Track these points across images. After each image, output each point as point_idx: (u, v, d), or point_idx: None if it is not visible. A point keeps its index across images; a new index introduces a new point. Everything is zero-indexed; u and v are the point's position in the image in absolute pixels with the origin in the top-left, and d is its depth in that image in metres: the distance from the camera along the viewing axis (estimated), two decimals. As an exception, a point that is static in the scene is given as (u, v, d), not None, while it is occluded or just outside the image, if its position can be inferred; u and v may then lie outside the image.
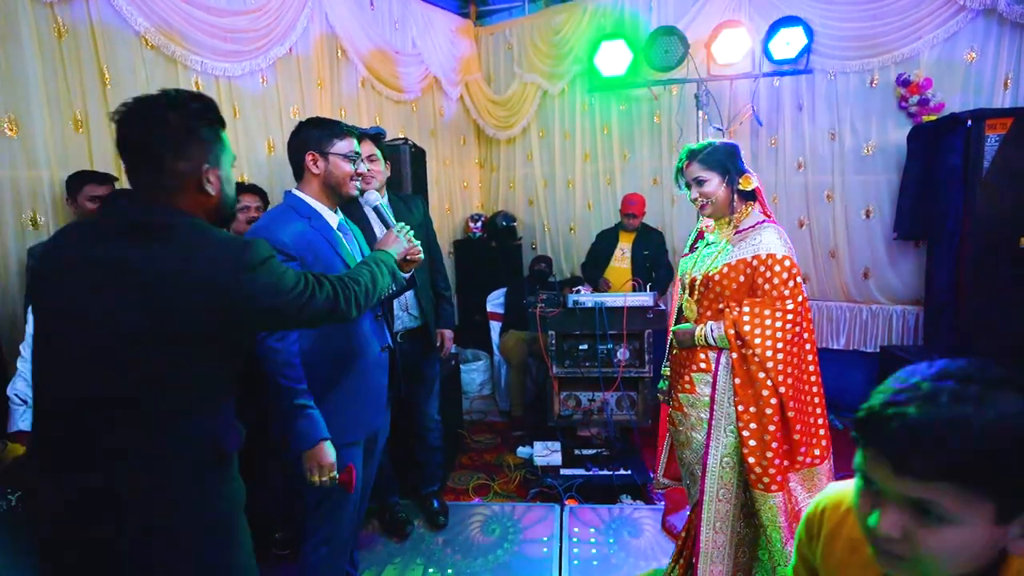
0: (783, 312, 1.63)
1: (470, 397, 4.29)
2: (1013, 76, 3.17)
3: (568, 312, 2.94)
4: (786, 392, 1.63)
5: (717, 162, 1.74)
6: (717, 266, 1.75)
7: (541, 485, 3.00)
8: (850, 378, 3.83)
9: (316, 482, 1.56)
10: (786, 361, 1.63)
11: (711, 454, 1.73)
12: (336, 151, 1.67)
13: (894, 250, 3.65)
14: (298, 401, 1.56)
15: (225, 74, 2.90)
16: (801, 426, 1.66)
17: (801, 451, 1.67)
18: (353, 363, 1.70)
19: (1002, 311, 2.88)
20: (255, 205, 2.52)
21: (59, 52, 2.31)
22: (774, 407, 1.63)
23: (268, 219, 1.67)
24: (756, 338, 1.64)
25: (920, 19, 3.31)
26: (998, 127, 2.79)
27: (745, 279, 1.69)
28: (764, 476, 1.64)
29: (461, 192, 5.00)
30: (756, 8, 3.75)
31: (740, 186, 1.74)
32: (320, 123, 1.71)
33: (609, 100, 4.41)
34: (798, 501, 1.69)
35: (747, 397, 1.66)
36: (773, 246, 1.66)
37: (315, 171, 1.68)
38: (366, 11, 3.86)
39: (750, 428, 1.65)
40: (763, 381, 1.64)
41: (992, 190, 2.85)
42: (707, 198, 1.76)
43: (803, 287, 1.67)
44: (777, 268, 1.65)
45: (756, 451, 1.64)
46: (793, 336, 1.64)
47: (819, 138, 3.78)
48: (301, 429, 1.56)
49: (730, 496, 1.73)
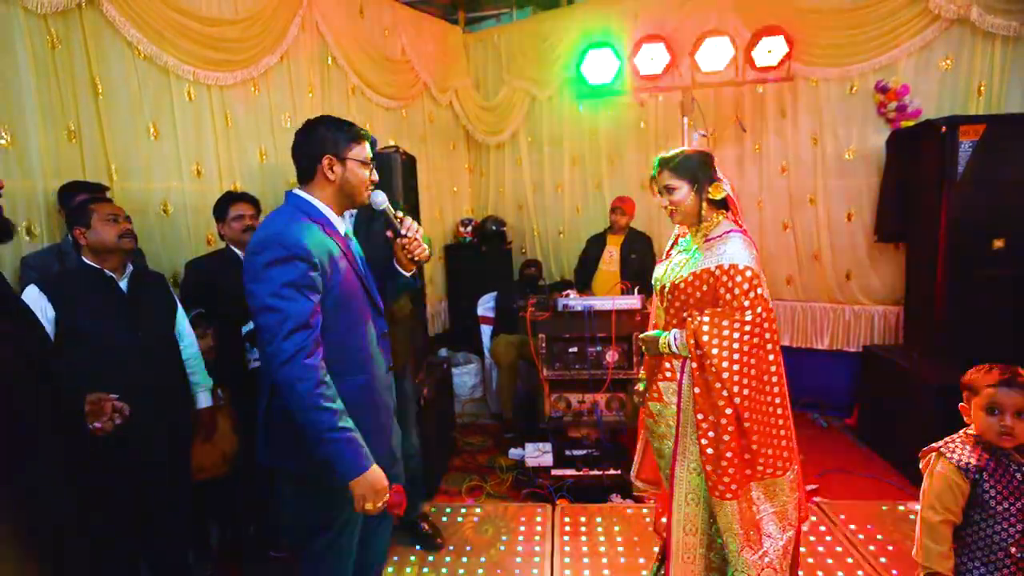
0: (741, 323, 1.63)
1: (461, 400, 4.33)
2: (986, 84, 3.28)
3: (558, 315, 3.00)
4: (742, 403, 1.62)
5: (687, 170, 1.76)
6: (683, 274, 1.76)
7: (533, 486, 3.06)
8: (834, 377, 3.93)
9: (370, 510, 1.44)
10: (742, 372, 1.63)
11: (679, 461, 1.75)
12: (354, 156, 1.57)
13: (875, 252, 3.74)
14: (341, 424, 1.40)
15: (217, 83, 2.93)
16: (759, 436, 1.65)
17: (761, 461, 1.66)
18: (365, 381, 1.59)
19: (978, 311, 2.98)
20: (249, 213, 2.51)
21: (52, 63, 2.33)
22: (729, 417, 1.63)
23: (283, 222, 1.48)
24: (713, 348, 1.64)
25: (897, 28, 3.40)
26: (971, 133, 2.88)
27: (708, 288, 1.69)
28: (719, 484, 1.64)
29: (451, 197, 5.05)
30: (739, 17, 3.84)
31: (709, 195, 1.75)
32: (336, 124, 1.57)
33: (597, 106, 4.47)
34: (759, 510, 1.68)
35: (705, 406, 1.66)
36: (736, 256, 1.66)
37: (331, 176, 1.55)
38: (356, 19, 3.90)
39: (708, 436, 1.65)
40: (719, 391, 1.63)
41: (966, 194, 2.94)
42: (675, 206, 1.78)
43: (766, 298, 1.67)
44: (738, 279, 1.64)
45: (712, 459, 1.65)
46: (751, 348, 1.64)
47: (802, 143, 3.87)
48: (348, 457, 1.41)
49: (698, 500, 1.74)
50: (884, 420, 3.38)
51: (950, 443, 1.56)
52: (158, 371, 2.04)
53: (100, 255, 1.96)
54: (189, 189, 2.85)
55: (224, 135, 3.01)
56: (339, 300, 1.52)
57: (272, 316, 1.39)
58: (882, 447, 3.36)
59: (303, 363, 1.38)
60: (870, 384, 3.62)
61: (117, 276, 2.00)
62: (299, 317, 1.39)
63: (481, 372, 4.47)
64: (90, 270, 1.97)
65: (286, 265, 1.40)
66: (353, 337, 1.56)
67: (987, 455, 1.49)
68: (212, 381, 2.27)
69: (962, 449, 1.53)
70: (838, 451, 3.42)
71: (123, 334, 1.95)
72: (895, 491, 2.94)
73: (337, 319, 1.51)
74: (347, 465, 1.41)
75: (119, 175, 2.57)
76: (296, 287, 1.40)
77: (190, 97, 2.84)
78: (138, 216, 2.68)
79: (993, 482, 1.47)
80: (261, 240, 1.44)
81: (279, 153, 3.28)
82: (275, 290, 1.39)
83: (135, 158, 2.65)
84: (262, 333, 1.41)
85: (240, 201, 2.53)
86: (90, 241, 1.94)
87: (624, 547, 2.54)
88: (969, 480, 1.48)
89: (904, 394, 3.12)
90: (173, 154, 2.80)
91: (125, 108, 2.60)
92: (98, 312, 1.93)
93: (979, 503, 1.48)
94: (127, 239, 1.99)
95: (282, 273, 1.40)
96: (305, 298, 1.41)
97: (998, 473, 1.47)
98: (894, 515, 2.68)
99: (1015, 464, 1.48)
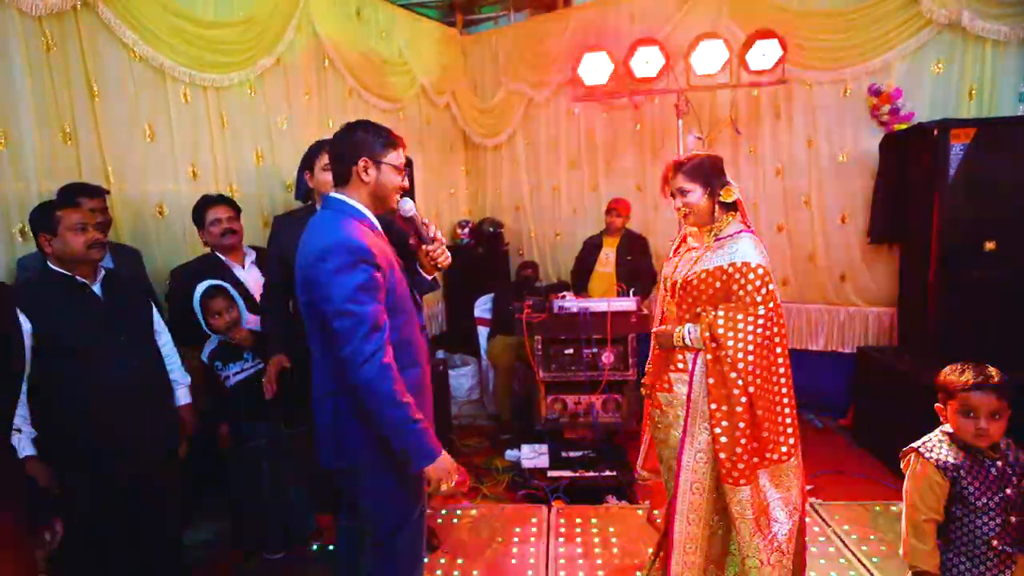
0: (755, 317, 1.72)
1: (458, 402, 4.34)
2: (977, 87, 3.31)
3: (554, 317, 3.01)
4: (755, 392, 1.72)
5: (701, 174, 1.83)
6: (696, 271, 1.83)
7: (529, 487, 3.06)
8: (829, 378, 3.94)
9: (446, 491, 1.56)
10: (756, 363, 1.72)
11: (686, 450, 1.82)
12: (389, 161, 1.62)
13: (869, 254, 3.76)
14: (416, 416, 1.49)
15: (213, 85, 2.93)
16: (769, 424, 1.75)
17: (769, 448, 1.76)
18: (419, 372, 1.67)
19: (970, 311, 3.00)
20: (227, 216, 2.46)
21: (47, 65, 2.33)
22: (744, 406, 1.72)
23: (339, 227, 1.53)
24: (729, 340, 1.72)
25: (889, 31, 3.43)
26: (962, 136, 2.91)
27: (721, 285, 1.78)
28: (733, 471, 1.73)
29: (448, 199, 5.05)
30: (733, 20, 3.86)
31: (722, 197, 1.83)
32: (375, 129, 1.63)
33: (593, 108, 4.49)
34: (766, 496, 1.77)
35: (719, 396, 1.75)
36: (748, 255, 1.75)
37: (365, 179, 1.59)
38: (353, 21, 3.90)
39: (722, 425, 1.74)
40: (734, 381, 1.72)
41: (958, 196, 2.96)
42: (690, 208, 1.85)
43: (776, 294, 1.76)
44: (751, 276, 1.73)
45: (727, 447, 1.73)
46: (764, 340, 1.72)
47: (796, 146, 3.89)
48: (424, 445, 1.51)
49: (703, 490, 1.81)
50: (878, 421, 3.40)
51: (928, 442, 1.60)
52: (141, 374, 2.00)
53: (67, 264, 1.89)
54: (185, 191, 2.84)
55: (220, 137, 3.01)
56: (396, 298, 1.59)
57: (348, 320, 1.45)
58: (876, 448, 3.38)
59: (381, 363, 1.45)
60: (864, 385, 3.64)
61: (90, 282, 1.94)
62: (373, 319, 1.46)
63: (478, 374, 4.47)
64: (60, 277, 1.89)
65: (355, 270, 1.47)
66: (408, 331, 1.64)
67: (963, 452, 1.53)
68: (190, 377, 2.26)
69: (939, 448, 1.56)
70: (833, 452, 3.44)
71: (103, 341, 1.90)
72: (889, 491, 2.95)
73: (396, 316, 1.58)
74: (423, 453, 1.51)
75: (115, 177, 2.57)
76: (367, 290, 1.47)
77: (186, 99, 2.84)
78: (134, 218, 2.70)
79: (971, 478, 1.51)
80: (325, 247, 1.48)
81: (275, 155, 3.28)
82: (349, 295, 1.45)
83: (131, 160, 2.64)
84: (338, 337, 1.46)
85: (217, 205, 2.48)
86: (55, 249, 1.86)
87: (619, 548, 2.55)
88: (948, 478, 1.52)
89: (898, 395, 3.14)
90: (169, 156, 2.80)
91: (121, 110, 2.60)
92: (76, 320, 1.87)
93: (960, 499, 1.52)
94: (96, 249, 1.91)
95: (352, 278, 1.46)
96: (375, 300, 1.49)
97: (975, 469, 1.51)
98: (888, 516, 2.69)
99: (989, 459, 1.52)
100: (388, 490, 1.65)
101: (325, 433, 1.62)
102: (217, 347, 2.39)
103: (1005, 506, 1.50)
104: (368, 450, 1.58)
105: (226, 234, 2.45)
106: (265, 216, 3.23)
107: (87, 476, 1.87)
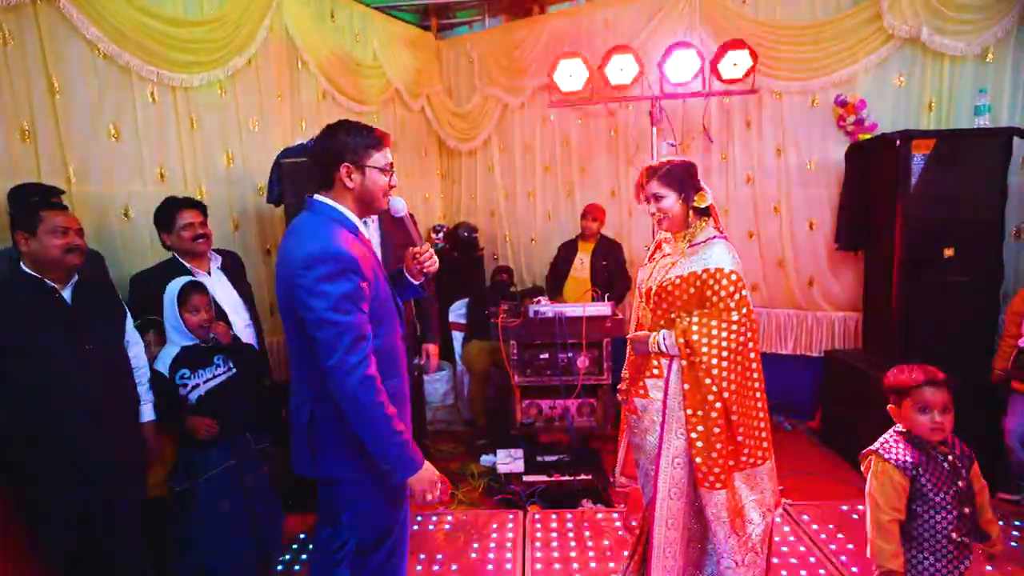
0: (728, 323, 1.73)
1: (433, 407, 4.30)
2: (936, 100, 3.44)
3: (529, 322, 3.02)
4: (730, 397, 1.74)
5: (675, 179, 1.85)
6: (670, 277, 1.85)
7: (504, 492, 3.05)
8: (797, 381, 4.04)
9: (430, 501, 1.55)
10: (730, 368, 1.74)
11: (663, 455, 1.83)
12: (373, 164, 1.55)
13: (836, 260, 3.87)
14: (399, 428, 1.48)
15: (182, 84, 2.86)
16: (744, 428, 1.77)
17: (744, 452, 1.78)
18: (399, 382, 1.64)
19: (930, 315, 3.11)
20: (199, 221, 2.38)
21: (3, 60, 2.24)
22: (719, 411, 1.74)
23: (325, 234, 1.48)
24: (703, 347, 1.74)
25: (855, 45, 3.54)
26: (923, 147, 3.02)
27: (695, 291, 1.80)
28: (710, 475, 1.74)
29: (423, 203, 5.02)
30: (706, 30, 3.94)
31: (695, 203, 1.85)
32: (356, 130, 1.54)
33: (568, 114, 4.52)
34: (741, 499, 1.80)
35: (695, 401, 1.76)
36: (722, 261, 1.77)
37: (349, 184, 1.53)
38: (327, 22, 3.86)
39: (697, 430, 1.75)
40: (709, 387, 1.74)
41: (919, 205, 3.07)
42: (664, 213, 1.87)
43: (748, 300, 1.78)
44: (724, 282, 1.75)
45: (703, 451, 1.75)
46: (737, 345, 1.74)
47: (766, 154, 3.98)
48: (406, 456, 1.49)
49: (681, 494, 1.82)
50: (845, 422, 3.49)
51: (885, 444, 1.65)
52: (108, 386, 1.91)
53: (41, 266, 1.82)
54: (152, 193, 2.74)
55: (189, 138, 2.94)
56: (380, 307, 1.56)
57: (332, 330, 1.42)
58: (843, 448, 3.47)
59: (365, 374, 1.42)
60: (831, 387, 3.73)
61: (60, 286, 1.86)
62: (357, 329, 1.44)
63: (453, 379, 4.44)
64: (29, 279, 1.81)
65: (340, 279, 1.43)
66: (390, 341, 1.61)
67: (918, 451, 1.59)
68: (154, 395, 2.13)
69: (896, 447, 1.62)
70: (801, 453, 3.52)
71: (67, 349, 1.81)
72: (855, 492, 3.02)
73: (379, 325, 1.55)
74: (406, 464, 1.49)
75: (77, 177, 2.48)
76: (352, 299, 1.44)
77: (153, 98, 2.76)
78: (97, 220, 2.60)
79: (928, 475, 1.57)
80: (309, 255, 1.43)
81: (246, 157, 3.21)
82: (333, 304, 1.42)
83: (94, 160, 2.55)
84: (321, 347, 1.43)
85: (187, 208, 2.39)
86: (32, 249, 1.80)
87: (595, 552, 2.56)
88: (908, 476, 1.57)
89: (863, 396, 3.23)
90: (135, 156, 2.71)
91: (84, 108, 2.51)
92: (37, 326, 1.77)
93: (919, 496, 1.58)
94: (74, 255, 1.85)
95: (337, 287, 1.42)
96: (360, 310, 1.46)
97: (930, 465, 1.58)
98: (855, 515, 2.76)
99: (941, 454, 1.59)
100: (370, 502, 1.62)
101: (300, 440, 1.58)
102: (182, 353, 2.18)
103: (959, 498, 1.56)
104: (348, 461, 1.55)
105: (198, 239, 2.37)
106: (236, 219, 3.16)
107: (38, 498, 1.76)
